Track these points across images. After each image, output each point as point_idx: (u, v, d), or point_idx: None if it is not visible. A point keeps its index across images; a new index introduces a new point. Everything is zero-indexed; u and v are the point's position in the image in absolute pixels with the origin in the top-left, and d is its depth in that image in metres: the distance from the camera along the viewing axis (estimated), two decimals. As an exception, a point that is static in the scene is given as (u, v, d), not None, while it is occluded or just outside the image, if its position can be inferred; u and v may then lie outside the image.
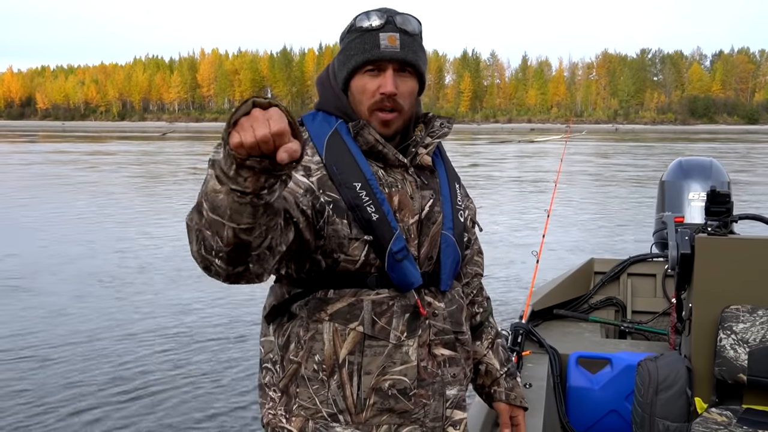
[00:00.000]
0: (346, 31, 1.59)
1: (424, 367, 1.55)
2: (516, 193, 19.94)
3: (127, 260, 10.27)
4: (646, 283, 4.35)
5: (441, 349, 1.59)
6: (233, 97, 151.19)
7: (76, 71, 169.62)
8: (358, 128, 1.54)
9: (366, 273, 1.51)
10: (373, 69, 1.53)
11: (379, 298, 1.52)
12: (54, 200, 17.37)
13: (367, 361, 1.50)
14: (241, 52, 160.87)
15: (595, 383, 3.43)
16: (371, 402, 1.51)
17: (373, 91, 1.53)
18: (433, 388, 1.57)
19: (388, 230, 1.49)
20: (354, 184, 1.49)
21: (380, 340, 1.51)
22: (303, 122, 1.61)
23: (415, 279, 1.53)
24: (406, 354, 1.52)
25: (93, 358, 6.12)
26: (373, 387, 1.50)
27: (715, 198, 3.17)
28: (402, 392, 1.52)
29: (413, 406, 1.54)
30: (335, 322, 1.51)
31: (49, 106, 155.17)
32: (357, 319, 1.50)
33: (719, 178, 4.21)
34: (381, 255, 1.50)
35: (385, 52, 1.51)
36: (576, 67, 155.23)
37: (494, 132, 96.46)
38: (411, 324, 1.54)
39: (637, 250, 4.78)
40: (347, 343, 1.50)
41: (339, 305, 1.51)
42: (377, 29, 1.52)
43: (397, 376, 1.52)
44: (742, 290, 2.84)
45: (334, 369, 1.51)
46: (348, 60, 1.55)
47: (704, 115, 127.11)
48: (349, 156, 1.52)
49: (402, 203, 1.55)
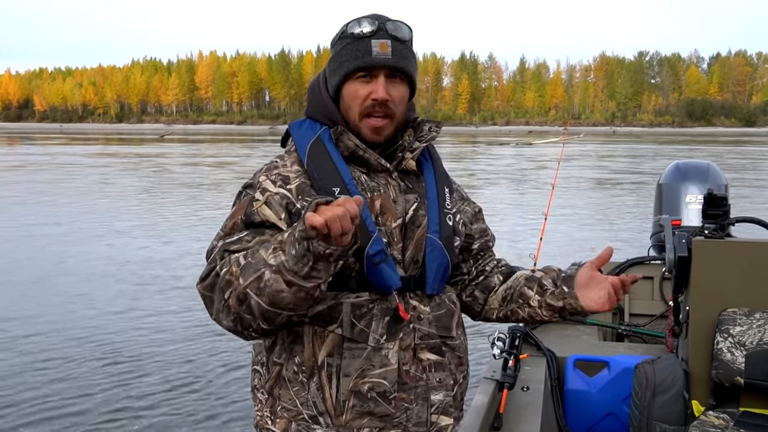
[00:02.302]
0: (337, 37, 1.60)
1: (406, 370, 1.55)
2: (513, 196, 19.94)
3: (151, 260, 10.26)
4: (644, 286, 4.36)
5: (427, 353, 1.58)
6: (231, 99, 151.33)
7: (73, 73, 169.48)
8: (337, 134, 1.56)
9: (347, 276, 1.52)
10: (364, 75, 1.55)
11: (359, 301, 1.52)
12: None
13: (345, 364, 1.51)
14: (239, 54, 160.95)
15: (593, 386, 3.43)
16: (350, 404, 1.51)
17: (364, 97, 1.55)
18: (416, 392, 1.56)
19: (365, 234, 1.49)
20: (333, 188, 1.51)
21: (359, 342, 1.51)
22: (290, 130, 1.65)
23: (393, 282, 1.53)
24: (385, 357, 1.53)
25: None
26: (352, 389, 1.51)
27: (712, 201, 3.17)
28: (381, 395, 1.52)
29: (394, 409, 1.54)
30: (315, 325, 1.52)
31: (46, 108, 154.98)
32: (336, 321, 1.51)
33: (716, 181, 4.22)
34: (361, 259, 1.50)
35: (377, 58, 1.53)
36: (574, 69, 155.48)
37: (492, 134, 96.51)
38: (391, 327, 1.54)
39: (635, 253, 4.79)
40: (326, 345, 1.52)
41: (319, 307, 1.51)
42: (369, 36, 1.53)
43: (376, 378, 1.52)
44: (739, 293, 2.84)
45: (313, 371, 1.52)
46: (340, 66, 1.57)
47: (702, 117, 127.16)
48: (329, 162, 1.55)
49: (384, 207, 1.56)
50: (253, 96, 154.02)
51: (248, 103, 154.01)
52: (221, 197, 18.70)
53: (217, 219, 13.62)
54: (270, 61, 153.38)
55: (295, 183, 1.54)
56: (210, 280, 1.44)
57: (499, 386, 3.07)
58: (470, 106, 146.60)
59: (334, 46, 1.60)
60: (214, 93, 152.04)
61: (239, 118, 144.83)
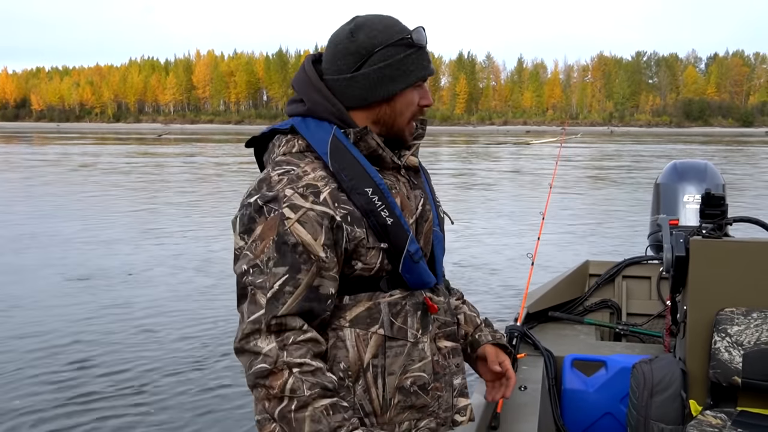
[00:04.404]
0: (390, 42, 1.54)
1: (436, 360, 1.62)
2: (511, 195, 19.96)
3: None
4: (641, 286, 4.36)
5: (444, 341, 1.66)
6: (229, 99, 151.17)
7: (71, 72, 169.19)
8: (360, 135, 1.54)
9: (379, 277, 1.54)
10: (419, 84, 1.61)
11: (393, 299, 1.55)
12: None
13: (389, 362, 1.54)
14: (237, 53, 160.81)
15: (590, 386, 3.43)
16: (395, 401, 1.55)
17: (416, 103, 1.61)
18: (445, 380, 1.64)
19: (402, 233, 1.52)
20: (365, 189, 1.50)
21: (399, 340, 1.55)
22: (297, 129, 1.56)
23: (430, 278, 1.60)
24: (422, 350, 1.58)
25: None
26: (397, 386, 1.55)
27: (709, 201, 3.18)
28: (422, 388, 1.58)
29: (431, 399, 1.60)
30: (356, 328, 1.52)
31: (44, 107, 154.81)
32: (377, 322, 1.53)
33: (714, 181, 4.22)
34: (394, 259, 1.53)
35: (432, 69, 1.62)
36: (571, 69, 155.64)
37: (490, 134, 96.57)
38: (423, 320, 1.60)
39: (632, 253, 4.79)
40: (370, 347, 1.53)
41: (357, 311, 1.53)
42: (425, 45, 1.60)
43: (417, 372, 1.58)
44: (736, 293, 2.85)
45: (359, 374, 1.53)
46: (406, 74, 1.56)
47: (699, 117, 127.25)
48: (354, 162, 1.52)
49: (403, 204, 1.58)
50: (251, 95, 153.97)
51: (246, 102, 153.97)
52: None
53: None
54: (267, 60, 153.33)
55: (326, 192, 1.48)
56: (254, 370, 1.42)
57: (496, 386, 3.06)
58: (468, 106, 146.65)
59: (385, 49, 1.54)
60: (211, 92, 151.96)
61: (237, 118, 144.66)
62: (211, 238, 12.26)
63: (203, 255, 10.81)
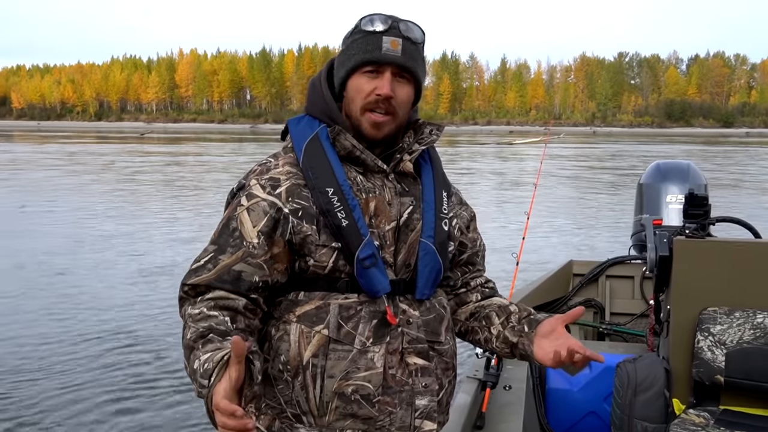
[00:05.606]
0: (349, 33, 1.59)
1: (392, 374, 1.54)
2: (495, 195, 20.01)
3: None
4: (625, 285, 4.39)
5: (414, 357, 1.56)
6: (212, 98, 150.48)
7: (52, 70, 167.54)
8: (334, 134, 1.55)
9: (336, 278, 1.52)
10: (372, 70, 1.54)
11: (347, 302, 1.52)
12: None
13: (330, 365, 1.50)
14: (220, 52, 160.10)
15: (574, 385, 3.45)
16: (334, 406, 1.51)
17: (368, 92, 1.53)
18: (401, 396, 1.55)
19: (356, 237, 1.49)
20: (327, 189, 1.51)
21: (345, 344, 1.51)
22: (288, 127, 1.64)
23: (382, 286, 1.52)
24: (371, 360, 1.51)
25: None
26: (336, 391, 1.50)
27: (692, 201, 3.20)
28: (365, 398, 1.51)
29: (377, 413, 1.52)
30: (302, 324, 1.52)
31: (24, 105, 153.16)
32: (323, 322, 1.51)
33: (697, 181, 4.25)
34: (351, 261, 1.50)
35: (386, 54, 1.52)
36: (554, 70, 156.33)
37: (473, 134, 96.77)
38: (378, 330, 1.52)
39: (616, 252, 4.82)
40: (311, 345, 1.51)
41: (307, 307, 1.52)
42: (381, 32, 1.53)
43: (361, 381, 1.51)
44: (719, 292, 2.87)
45: (298, 370, 1.52)
46: (348, 59, 1.56)
47: (680, 118, 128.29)
48: (325, 161, 1.53)
49: (378, 209, 1.55)
50: (234, 95, 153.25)
51: (229, 101, 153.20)
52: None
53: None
54: (251, 59, 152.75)
55: (285, 185, 1.53)
56: (180, 311, 1.53)
57: (481, 385, 3.07)
58: (451, 106, 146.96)
59: (345, 41, 1.59)
60: (194, 91, 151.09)
61: (220, 117, 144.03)
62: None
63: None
